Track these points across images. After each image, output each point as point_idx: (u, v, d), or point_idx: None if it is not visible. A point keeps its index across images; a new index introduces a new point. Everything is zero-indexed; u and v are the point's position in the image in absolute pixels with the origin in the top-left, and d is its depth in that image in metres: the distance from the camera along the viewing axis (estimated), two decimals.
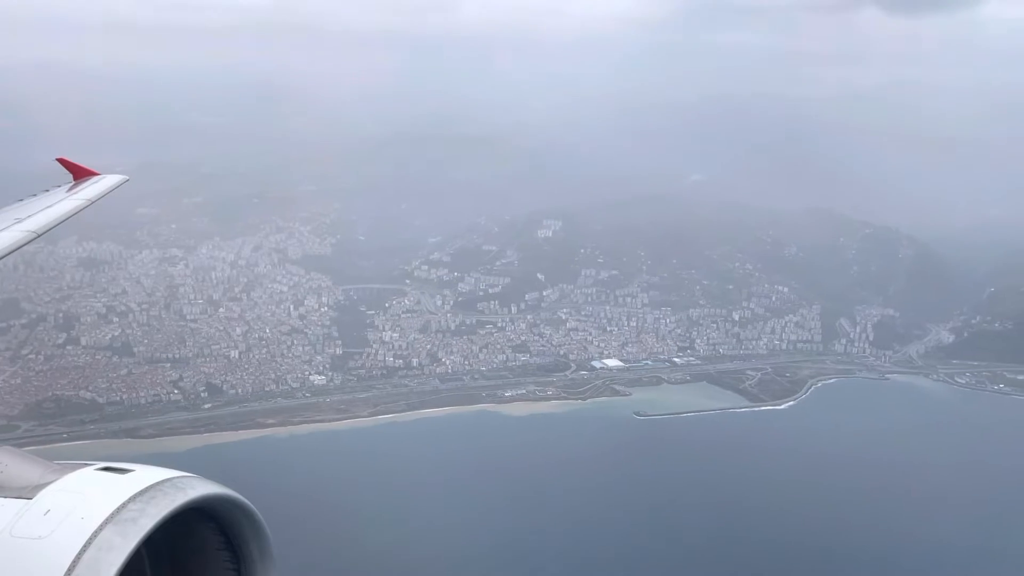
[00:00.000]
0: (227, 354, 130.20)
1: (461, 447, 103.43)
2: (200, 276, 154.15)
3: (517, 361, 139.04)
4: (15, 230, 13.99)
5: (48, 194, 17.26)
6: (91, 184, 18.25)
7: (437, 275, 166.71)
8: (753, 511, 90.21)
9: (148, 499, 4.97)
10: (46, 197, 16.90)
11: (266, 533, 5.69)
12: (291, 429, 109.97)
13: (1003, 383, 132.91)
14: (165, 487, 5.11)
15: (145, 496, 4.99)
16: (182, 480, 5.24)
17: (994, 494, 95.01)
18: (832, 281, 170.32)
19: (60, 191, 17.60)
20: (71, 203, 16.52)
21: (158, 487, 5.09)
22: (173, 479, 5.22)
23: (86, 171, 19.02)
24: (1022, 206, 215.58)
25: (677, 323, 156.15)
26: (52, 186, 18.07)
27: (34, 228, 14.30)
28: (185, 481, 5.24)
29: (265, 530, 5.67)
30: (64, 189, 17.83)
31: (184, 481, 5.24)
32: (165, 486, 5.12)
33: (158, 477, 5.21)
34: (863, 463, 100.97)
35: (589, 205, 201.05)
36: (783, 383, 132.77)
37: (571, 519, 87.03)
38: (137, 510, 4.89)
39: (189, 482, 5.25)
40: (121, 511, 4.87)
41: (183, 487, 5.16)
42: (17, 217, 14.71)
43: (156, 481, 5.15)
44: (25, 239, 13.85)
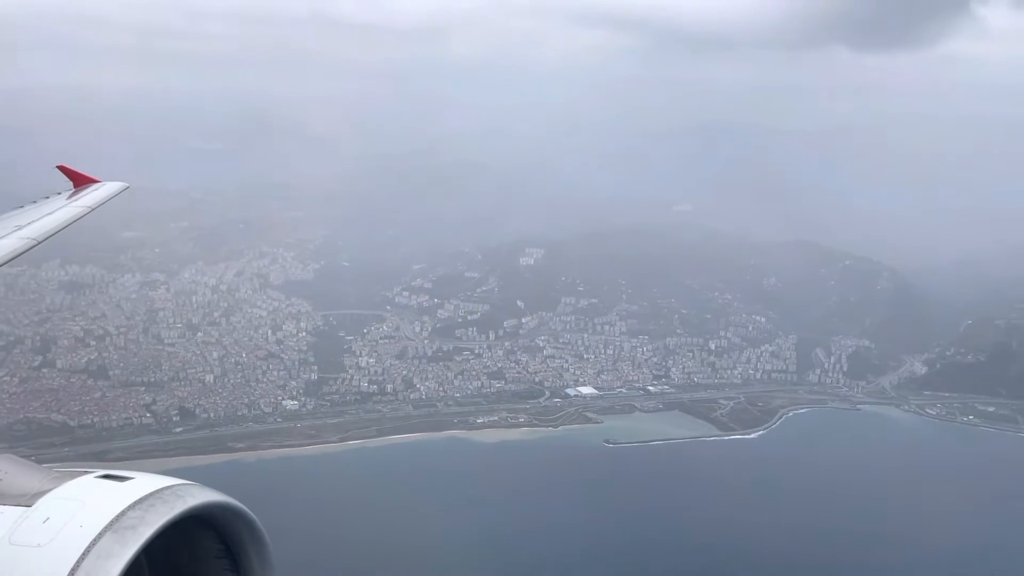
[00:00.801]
0: (202, 378, 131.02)
1: (426, 473, 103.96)
2: (181, 300, 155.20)
3: (492, 388, 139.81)
4: (15, 237, 13.74)
5: (48, 201, 16.99)
6: (91, 191, 17.96)
7: (418, 301, 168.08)
8: (711, 539, 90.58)
9: (147, 507, 4.97)
10: (46, 204, 16.64)
11: (266, 542, 5.67)
12: (260, 454, 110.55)
13: (972, 415, 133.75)
14: (164, 495, 5.09)
15: (144, 504, 4.99)
16: (181, 488, 5.23)
17: (950, 521, 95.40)
18: (810, 312, 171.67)
19: (60, 198, 17.37)
20: (72, 210, 16.28)
21: (157, 495, 5.08)
22: (173, 487, 5.21)
23: (86, 178, 18.79)
24: (1004, 238, 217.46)
25: (654, 352, 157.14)
26: (52, 193, 17.82)
27: (34, 235, 14.07)
28: (184, 489, 5.23)
29: (265, 539, 5.66)
30: (64, 196, 17.56)
31: (183, 489, 5.22)
32: (164, 494, 5.10)
33: (157, 485, 5.19)
34: (825, 492, 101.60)
35: (574, 234, 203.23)
36: (754, 412, 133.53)
37: (527, 545, 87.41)
38: (136, 518, 4.88)
39: (188, 490, 5.24)
40: (120, 519, 4.86)
41: (182, 495, 5.14)
42: (17, 224, 14.47)
43: (155, 489, 5.13)
44: (25, 247, 13.60)
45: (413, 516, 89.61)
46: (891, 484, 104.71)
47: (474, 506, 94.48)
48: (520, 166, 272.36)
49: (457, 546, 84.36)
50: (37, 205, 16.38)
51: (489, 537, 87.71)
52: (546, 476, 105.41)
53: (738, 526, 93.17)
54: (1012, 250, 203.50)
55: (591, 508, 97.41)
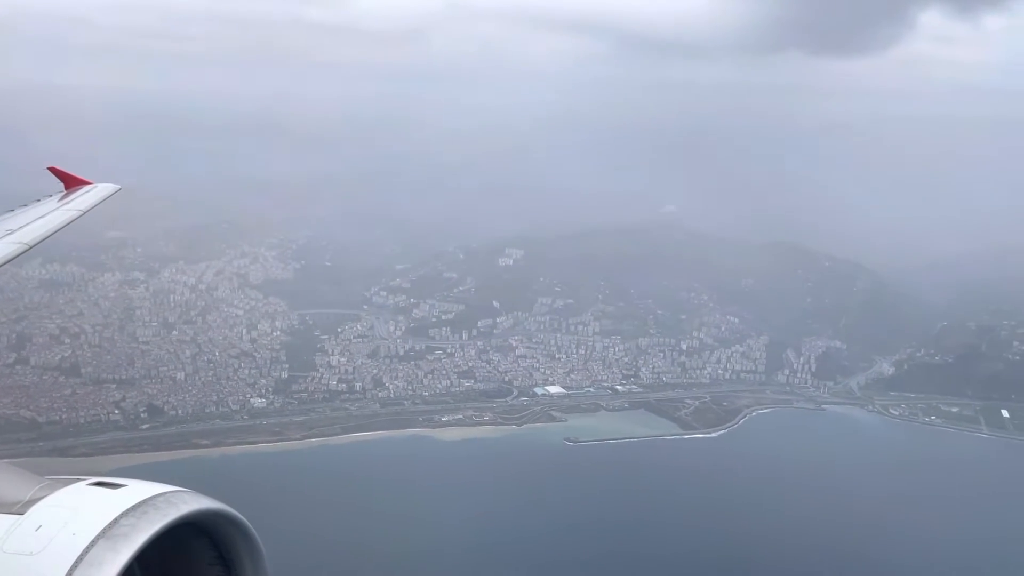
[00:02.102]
0: (173, 376, 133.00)
1: (382, 470, 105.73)
2: (159, 299, 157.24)
3: (461, 387, 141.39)
4: (7, 242, 13.57)
5: (40, 204, 16.71)
6: (83, 194, 17.67)
7: (395, 301, 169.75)
8: (660, 535, 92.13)
9: (140, 514, 4.96)
10: (38, 207, 16.37)
11: (259, 549, 5.68)
12: (223, 450, 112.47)
13: (935, 415, 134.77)
14: (157, 502, 5.11)
15: (137, 511, 4.98)
16: (175, 495, 5.27)
17: (900, 519, 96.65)
18: (784, 313, 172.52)
19: (52, 201, 17.09)
20: (64, 214, 16.05)
21: (150, 502, 5.08)
22: (166, 494, 5.25)
23: (78, 180, 18.46)
24: (984, 240, 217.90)
25: (625, 352, 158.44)
26: (43, 195, 17.55)
27: (27, 240, 13.88)
28: (178, 496, 5.27)
29: (259, 545, 5.68)
30: (56, 199, 17.27)
31: (177, 496, 5.26)
32: (158, 501, 5.12)
33: (150, 492, 5.22)
34: (773, 490, 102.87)
35: (556, 234, 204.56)
36: (719, 412, 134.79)
37: (472, 541, 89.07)
38: (129, 525, 4.86)
39: (182, 497, 5.28)
40: (113, 526, 4.84)
41: (176, 502, 5.16)
42: (9, 228, 14.25)
43: (148, 496, 5.15)
44: (17, 251, 13.42)
45: (360, 512, 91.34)
46: (839, 482, 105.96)
47: (422, 502, 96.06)
48: (507, 167, 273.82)
49: (398, 541, 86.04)
50: (28, 208, 16.15)
51: (431, 533, 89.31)
52: (501, 473, 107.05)
53: (686, 521, 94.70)
54: (991, 252, 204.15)
55: (540, 504, 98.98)
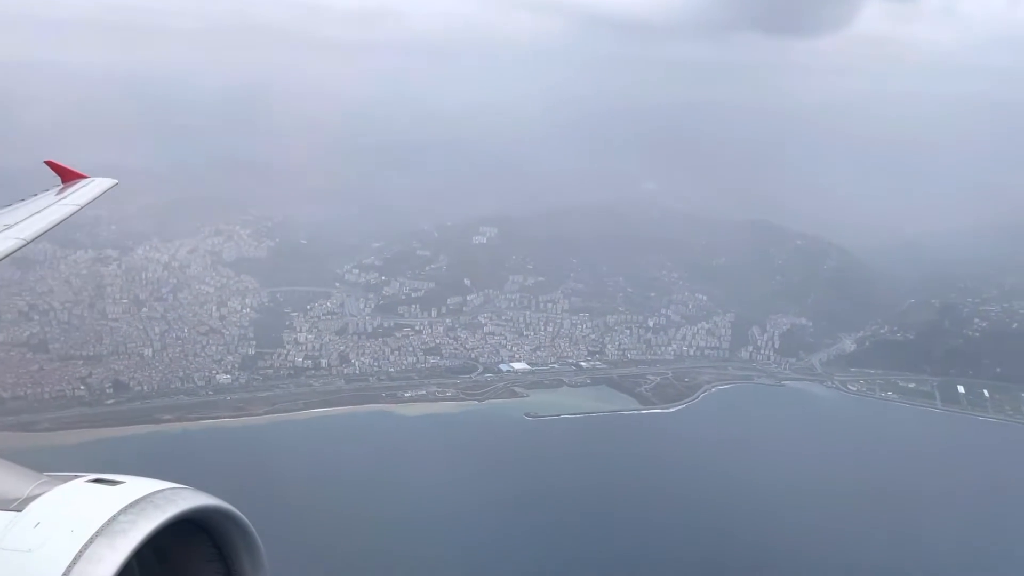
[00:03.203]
0: (140, 352, 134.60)
1: (340, 444, 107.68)
2: (130, 277, 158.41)
3: (427, 363, 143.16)
4: (5, 237, 13.60)
5: (37, 199, 16.75)
6: (80, 188, 17.76)
7: (366, 279, 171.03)
8: (602, 505, 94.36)
9: (139, 511, 4.96)
10: (35, 202, 16.42)
11: (258, 545, 5.69)
12: (185, 425, 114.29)
13: (892, 391, 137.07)
14: (156, 499, 5.10)
15: (136, 508, 4.98)
16: (173, 492, 5.25)
17: (844, 490, 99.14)
18: (752, 290, 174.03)
19: (49, 195, 17.15)
20: (61, 209, 16.19)
21: (149, 499, 5.08)
22: (164, 491, 5.23)
23: (75, 174, 18.54)
24: (962, 219, 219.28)
25: (593, 328, 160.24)
26: (40, 190, 17.50)
27: (24, 236, 13.93)
28: (176, 493, 5.25)
29: (257, 542, 5.67)
30: (53, 193, 17.34)
31: (175, 493, 5.24)
32: (156, 498, 5.11)
33: (149, 489, 5.21)
34: (724, 461, 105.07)
35: (533, 213, 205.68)
36: (679, 387, 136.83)
37: (420, 512, 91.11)
38: (128, 522, 4.86)
39: (180, 494, 5.26)
40: (112, 523, 4.83)
41: (174, 499, 5.16)
42: (6, 223, 14.28)
43: (147, 493, 5.14)
44: (15, 246, 13.45)
45: (311, 483, 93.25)
46: (782, 454, 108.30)
47: (374, 475, 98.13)
48: (487, 146, 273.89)
49: (346, 512, 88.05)
50: (25, 203, 16.23)
51: (379, 504, 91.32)
52: (457, 446, 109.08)
53: (625, 493, 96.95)
54: (966, 230, 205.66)
55: (492, 475, 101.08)
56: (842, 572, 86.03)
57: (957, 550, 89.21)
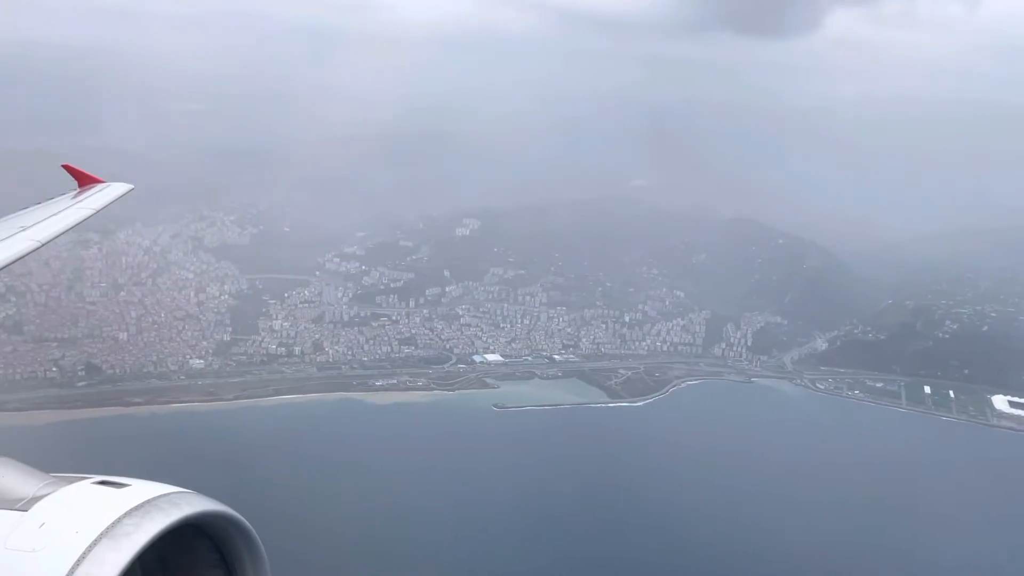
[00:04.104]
0: (116, 336, 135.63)
1: (305, 431, 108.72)
2: (110, 260, 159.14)
3: (401, 353, 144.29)
4: (20, 239, 13.82)
5: (53, 202, 16.99)
6: (96, 192, 18.07)
7: (347, 268, 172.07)
8: (557, 497, 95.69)
9: (143, 514, 4.98)
10: (51, 205, 16.63)
11: (261, 552, 5.69)
12: (153, 408, 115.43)
13: (859, 389, 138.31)
14: (160, 503, 5.12)
15: (140, 511, 5.00)
16: (178, 496, 5.27)
17: (790, 484, 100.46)
18: (730, 288, 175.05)
19: (65, 199, 17.40)
20: (77, 212, 16.40)
21: (153, 503, 5.10)
22: (169, 495, 5.25)
23: (91, 178, 18.89)
24: (945, 223, 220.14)
25: (569, 322, 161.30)
26: (57, 194, 17.77)
27: (40, 237, 14.14)
28: (181, 497, 5.27)
29: (260, 549, 5.68)
30: (69, 197, 17.59)
31: (180, 497, 5.26)
32: (161, 502, 5.14)
33: (154, 492, 5.22)
34: (682, 456, 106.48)
35: (519, 206, 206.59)
36: (648, 382, 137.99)
37: (375, 500, 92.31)
38: (132, 525, 4.88)
39: (185, 498, 5.28)
40: (116, 526, 4.86)
41: (178, 503, 5.18)
42: (22, 225, 14.52)
43: (152, 496, 5.16)
44: (30, 248, 13.68)
45: (270, 470, 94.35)
46: (741, 449, 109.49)
47: (335, 461, 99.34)
48: (477, 138, 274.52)
49: (301, 497, 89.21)
50: (42, 206, 16.44)
51: (334, 491, 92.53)
52: (422, 435, 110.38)
53: (579, 484, 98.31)
54: (946, 235, 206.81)
55: (453, 464, 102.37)
56: (780, 562, 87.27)
57: (889, 541, 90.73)
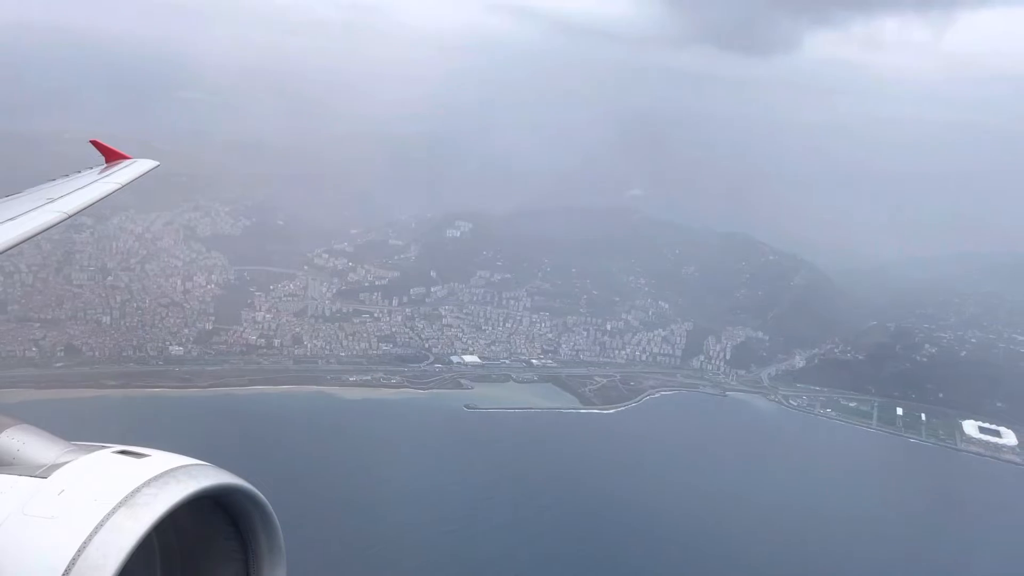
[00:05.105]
0: (98, 319, 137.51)
1: (272, 420, 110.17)
2: (101, 245, 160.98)
3: (379, 350, 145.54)
4: (47, 210, 13.99)
5: (80, 175, 17.22)
6: (123, 168, 18.31)
7: (334, 263, 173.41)
8: (514, 499, 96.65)
9: (162, 485, 5.03)
10: (78, 178, 16.85)
11: (276, 527, 5.70)
12: (127, 392, 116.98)
13: (832, 408, 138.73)
14: (179, 474, 5.15)
15: (159, 482, 5.05)
16: (196, 468, 5.29)
17: (742, 499, 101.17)
18: (715, 301, 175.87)
19: (92, 173, 17.59)
20: (103, 186, 16.60)
21: (172, 474, 5.14)
22: (188, 466, 5.27)
23: (118, 154, 19.21)
24: (935, 248, 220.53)
25: (551, 328, 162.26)
26: (84, 167, 18.05)
27: (67, 209, 14.33)
28: (199, 470, 5.29)
29: (275, 524, 5.69)
30: (96, 171, 17.80)
31: (198, 469, 5.28)
32: (179, 473, 5.16)
33: (173, 464, 5.26)
34: (643, 465, 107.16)
35: (513, 210, 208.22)
36: (623, 390, 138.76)
37: (331, 494, 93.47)
38: (151, 495, 4.94)
39: (203, 471, 5.30)
40: (135, 495, 4.92)
41: (197, 475, 5.20)
42: (49, 197, 14.75)
43: (171, 468, 5.20)
44: (56, 220, 13.89)
45: (230, 459, 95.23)
46: (702, 461, 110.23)
47: (295, 453, 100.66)
48: (477, 140, 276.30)
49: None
50: (69, 179, 16.72)
51: (288, 483, 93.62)
52: (388, 432, 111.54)
53: (538, 488, 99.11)
54: (936, 258, 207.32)
55: (414, 462, 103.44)
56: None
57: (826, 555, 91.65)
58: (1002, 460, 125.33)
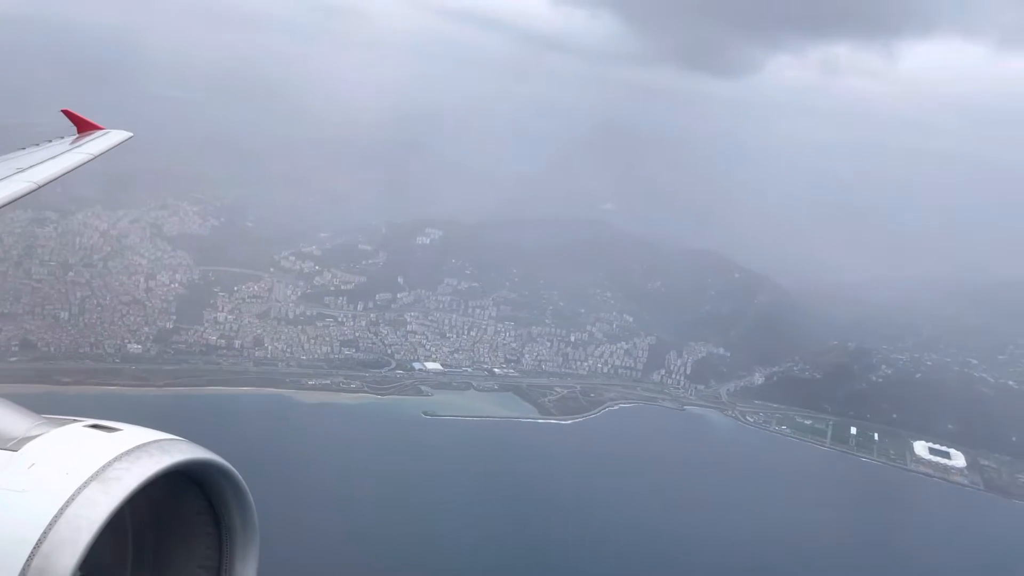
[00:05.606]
0: (57, 315, 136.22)
1: (224, 422, 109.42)
2: (64, 240, 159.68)
3: (341, 355, 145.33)
4: (17, 180, 13.63)
5: (51, 145, 16.78)
6: (95, 139, 17.87)
7: (301, 266, 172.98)
8: (462, 506, 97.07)
9: (134, 459, 4.96)
10: (49, 148, 16.42)
11: (250, 503, 5.69)
12: (80, 388, 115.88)
13: (788, 425, 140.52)
14: (151, 448, 5.10)
15: (131, 456, 4.98)
16: (169, 443, 5.26)
17: (685, 514, 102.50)
18: (680, 317, 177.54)
19: (64, 143, 17.14)
20: (75, 156, 16.11)
21: (144, 448, 5.09)
22: (160, 441, 5.24)
23: (91, 125, 18.69)
24: (900, 270, 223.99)
25: (515, 337, 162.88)
26: (55, 137, 17.53)
27: (36, 179, 13.92)
28: (172, 444, 5.26)
29: (249, 499, 5.68)
30: (68, 141, 17.36)
31: (171, 444, 5.25)
32: (151, 447, 5.11)
33: (146, 438, 5.21)
34: (593, 475, 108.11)
35: (485, 219, 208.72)
36: (582, 402, 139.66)
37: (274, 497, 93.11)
38: (123, 469, 4.88)
39: (176, 445, 5.26)
40: (106, 469, 4.85)
41: (169, 449, 5.17)
42: (19, 167, 14.29)
43: (143, 442, 5.15)
44: (26, 190, 13.59)
45: None
46: (653, 473, 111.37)
47: (244, 454, 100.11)
48: (464, 151, 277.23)
49: None
50: (39, 148, 16.25)
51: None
52: (341, 436, 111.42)
53: (485, 496, 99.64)
54: (899, 281, 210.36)
55: (365, 467, 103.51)
56: None
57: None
58: (950, 481, 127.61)
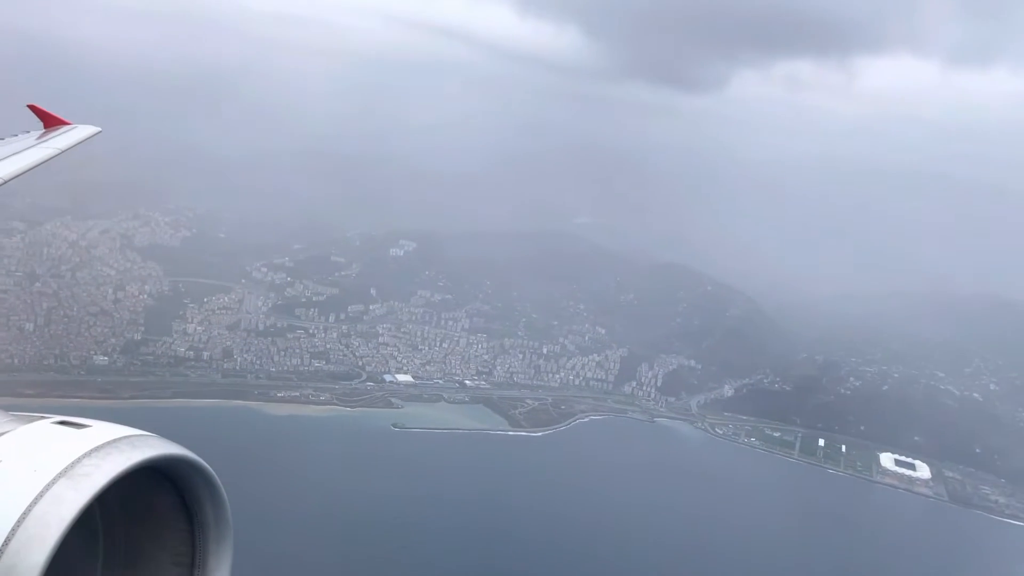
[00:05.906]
0: (21, 326, 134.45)
1: (190, 435, 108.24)
2: (32, 251, 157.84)
3: (311, 367, 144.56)
4: None
5: (16, 139, 16.56)
6: (62, 134, 17.63)
7: (273, 278, 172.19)
8: (426, 517, 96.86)
9: (104, 455, 4.89)
10: (14, 142, 16.19)
11: (223, 498, 5.63)
12: (43, 401, 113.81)
13: (757, 437, 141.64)
14: (122, 444, 5.02)
15: (101, 452, 4.91)
16: (139, 439, 5.16)
17: (649, 522, 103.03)
18: (652, 329, 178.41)
19: (29, 138, 16.94)
20: (40, 152, 15.83)
21: (114, 444, 5.00)
22: (130, 437, 5.14)
23: (57, 120, 18.45)
24: (870, 285, 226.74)
25: (487, 349, 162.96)
26: (21, 131, 17.39)
27: (1, 175, 13.64)
28: (142, 440, 5.16)
29: (222, 495, 5.61)
30: (33, 136, 17.17)
31: (141, 440, 5.16)
32: (122, 443, 5.03)
33: (116, 434, 5.12)
34: (562, 487, 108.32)
35: (459, 232, 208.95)
36: (552, 413, 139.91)
37: (240, 509, 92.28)
38: (92, 465, 4.81)
39: (147, 441, 5.17)
40: (75, 465, 4.79)
41: (140, 445, 5.07)
42: None
43: (113, 438, 5.07)
44: None
45: None
46: (620, 483, 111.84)
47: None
48: (438, 164, 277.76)
49: None
50: (4, 143, 16.00)
51: None
52: (309, 449, 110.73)
53: (453, 507, 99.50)
54: (870, 295, 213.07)
55: (331, 480, 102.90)
56: None
57: None
58: (914, 492, 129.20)
